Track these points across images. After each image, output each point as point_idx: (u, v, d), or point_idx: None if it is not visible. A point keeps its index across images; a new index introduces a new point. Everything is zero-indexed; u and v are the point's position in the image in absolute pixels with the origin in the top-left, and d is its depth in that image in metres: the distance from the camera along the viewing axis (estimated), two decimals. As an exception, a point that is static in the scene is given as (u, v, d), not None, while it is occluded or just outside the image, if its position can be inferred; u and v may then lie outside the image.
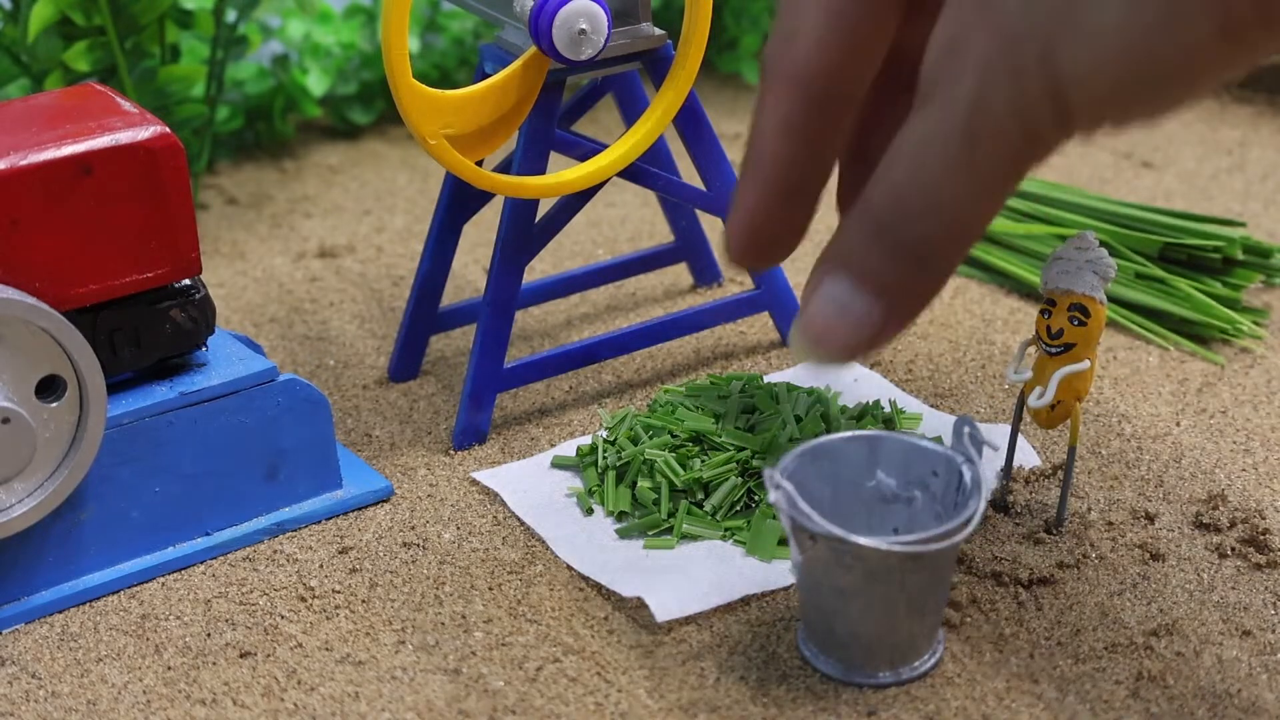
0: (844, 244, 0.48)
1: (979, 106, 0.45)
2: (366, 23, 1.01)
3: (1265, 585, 0.57)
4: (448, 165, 0.63)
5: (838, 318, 0.49)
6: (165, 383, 0.60)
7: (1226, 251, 0.76)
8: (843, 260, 0.48)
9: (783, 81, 0.51)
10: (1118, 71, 0.44)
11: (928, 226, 0.47)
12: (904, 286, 0.48)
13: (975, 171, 0.46)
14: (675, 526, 0.60)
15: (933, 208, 0.46)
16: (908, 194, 0.47)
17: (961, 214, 0.47)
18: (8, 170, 0.55)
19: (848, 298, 0.48)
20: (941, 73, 0.46)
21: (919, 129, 0.46)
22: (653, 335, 0.72)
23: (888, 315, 0.48)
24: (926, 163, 0.46)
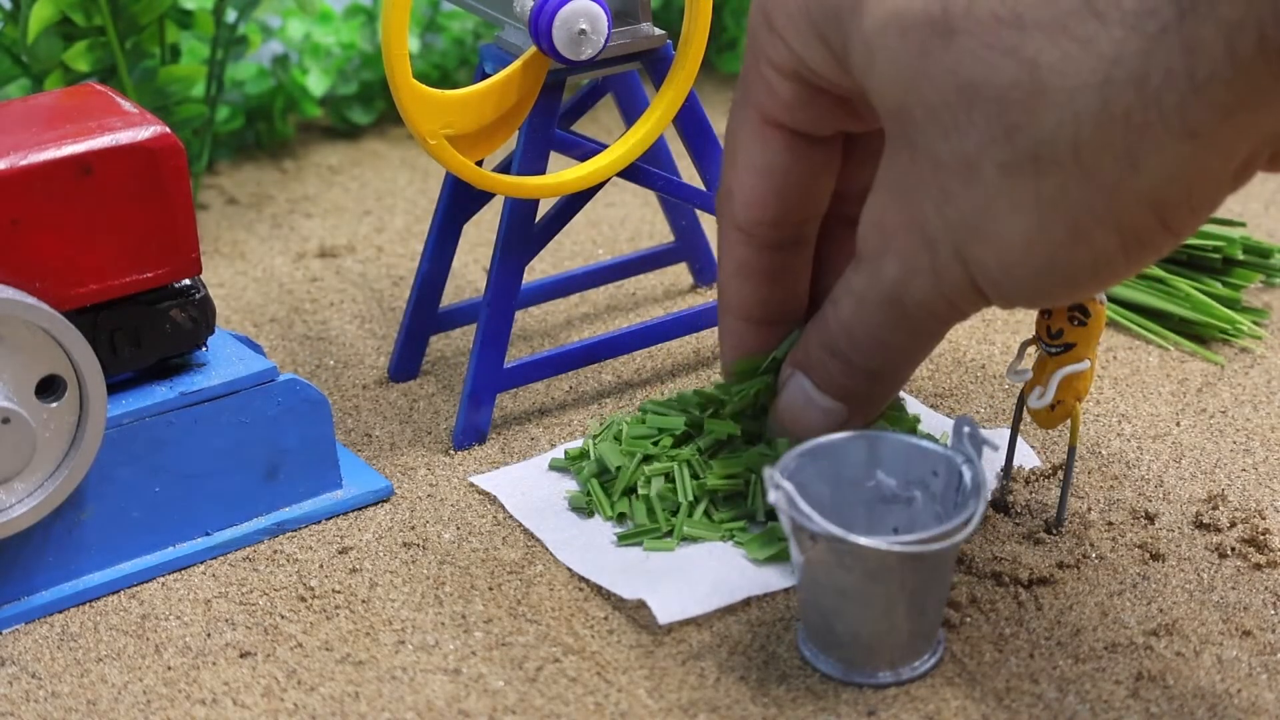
0: (808, 355, 0.56)
1: (901, 287, 0.51)
2: (366, 23, 1.01)
3: (1265, 585, 0.57)
4: (448, 165, 0.63)
5: (805, 410, 0.56)
6: (165, 383, 0.60)
7: (1226, 251, 0.76)
8: (807, 367, 0.56)
9: (730, 229, 0.58)
10: (1026, 275, 0.49)
11: (872, 357, 0.54)
12: (859, 394, 0.55)
13: (904, 326, 0.52)
14: (675, 529, 0.60)
15: (874, 345, 0.53)
16: (853, 330, 0.53)
17: (899, 352, 0.54)
18: (8, 170, 0.55)
19: (814, 395, 0.56)
20: (870, 248, 0.52)
21: (857, 282, 0.53)
22: (653, 335, 0.72)
23: (848, 413, 0.56)
24: (864, 311, 0.53)
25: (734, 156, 0.56)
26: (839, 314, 0.54)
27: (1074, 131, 0.45)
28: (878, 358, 0.54)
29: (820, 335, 0.55)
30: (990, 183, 0.47)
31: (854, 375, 0.55)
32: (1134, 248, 0.48)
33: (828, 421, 0.56)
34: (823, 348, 0.55)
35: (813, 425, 0.56)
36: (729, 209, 0.57)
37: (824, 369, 0.55)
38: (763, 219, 0.56)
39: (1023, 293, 0.50)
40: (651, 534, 0.60)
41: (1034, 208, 0.47)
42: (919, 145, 0.48)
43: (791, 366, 0.57)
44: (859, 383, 0.55)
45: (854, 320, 0.53)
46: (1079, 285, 0.49)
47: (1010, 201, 0.47)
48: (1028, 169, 0.46)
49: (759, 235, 0.57)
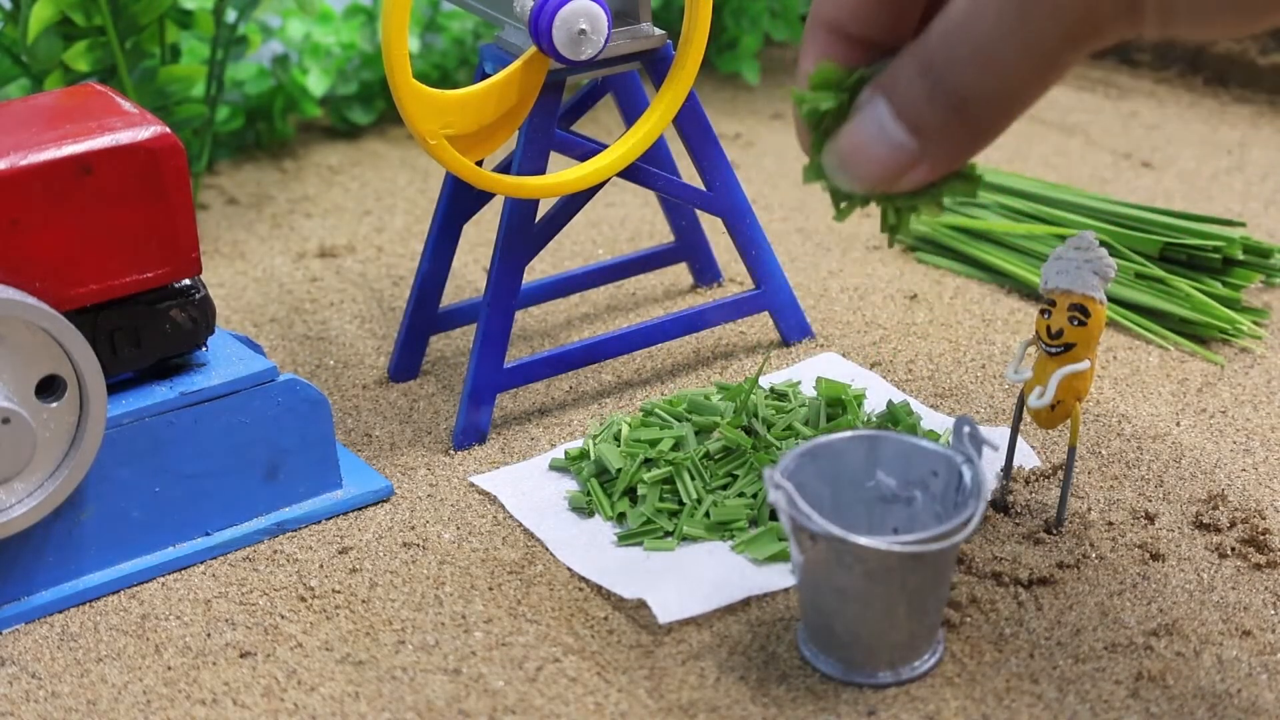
0: (893, 73, 0.46)
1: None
2: (366, 23, 1.01)
3: (1265, 585, 0.57)
4: (448, 165, 0.63)
5: (872, 141, 0.46)
6: (165, 383, 0.60)
7: (1226, 251, 0.76)
8: (888, 88, 0.46)
9: None
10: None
11: (970, 79, 0.44)
12: (939, 131, 0.45)
13: (1025, 42, 0.42)
14: (676, 529, 0.60)
15: (978, 63, 0.43)
16: (958, 39, 0.43)
17: (1006, 79, 0.44)
18: (8, 170, 0.55)
19: (887, 124, 0.46)
20: None
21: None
22: (653, 335, 0.72)
23: (920, 155, 0.46)
24: (980, 15, 0.43)
25: None
26: (947, 18, 0.44)
27: None
28: (977, 77, 0.43)
29: (915, 51, 0.45)
30: None
31: (939, 101, 0.44)
32: None
33: (893, 159, 0.46)
34: (914, 62, 0.45)
35: (875, 160, 0.46)
36: None
37: (908, 90, 0.45)
38: None
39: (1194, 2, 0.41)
40: (651, 534, 0.60)
41: None
42: None
43: (874, 89, 0.46)
44: (941, 113, 0.45)
45: (964, 24, 0.43)
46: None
47: None
48: None
49: None
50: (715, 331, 0.76)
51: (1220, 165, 0.93)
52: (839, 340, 0.74)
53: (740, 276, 0.80)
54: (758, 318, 0.76)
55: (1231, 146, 0.96)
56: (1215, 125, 0.99)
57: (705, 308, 0.72)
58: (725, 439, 0.62)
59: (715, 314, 0.72)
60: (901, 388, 0.70)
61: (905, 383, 0.71)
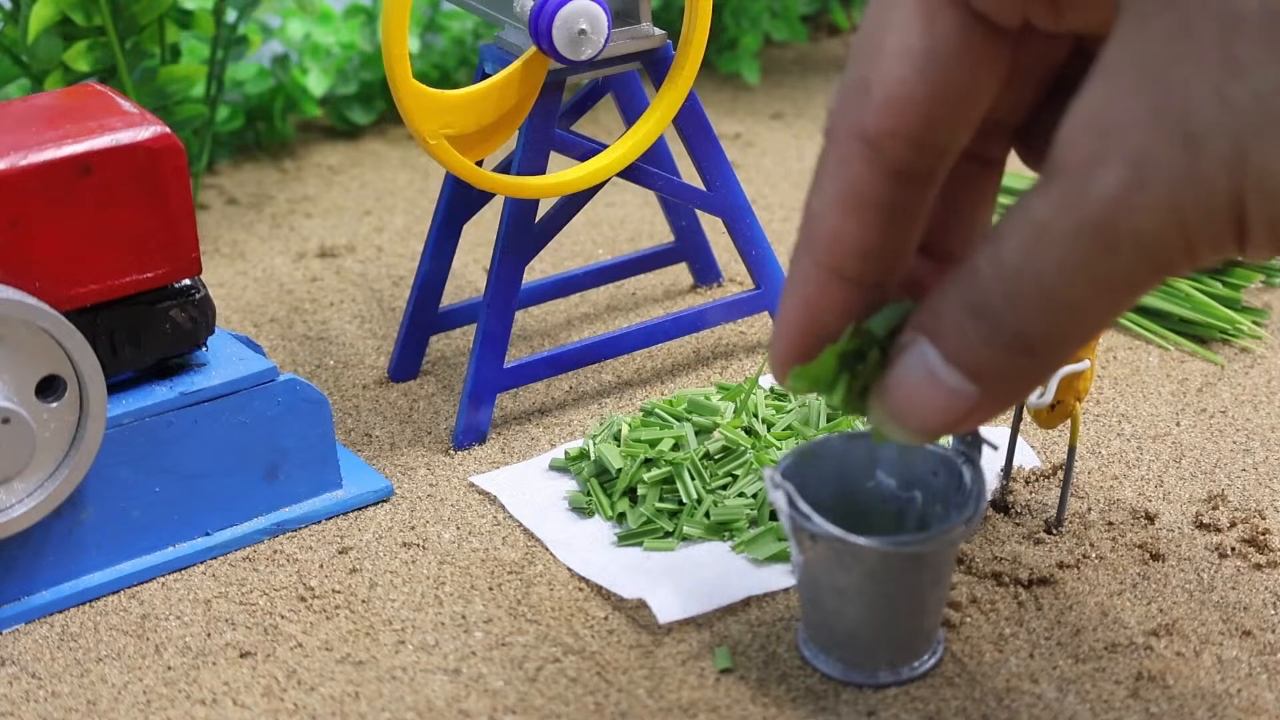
0: (938, 316, 0.41)
1: (1122, 206, 0.37)
2: (366, 23, 1.01)
3: (1265, 585, 0.57)
4: (448, 165, 0.63)
5: (925, 388, 0.42)
6: (165, 383, 0.60)
7: (1226, 251, 0.76)
8: (933, 331, 0.41)
9: (850, 140, 0.42)
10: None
11: (1036, 319, 0.39)
12: (1004, 373, 0.41)
13: (1100, 275, 0.38)
14: (675, 529, 0.60)
15: (1045, 302, 0.39)
16: (1017, 278, 0.39)
17: (1078, 313, 0.39)
18: (8, 170, 0.55)
19: (939, 370, 0.41)
20: (1080, 149, 0.38)
21: (1042, 207, 0.38)
22: (653, 335, 0.72)
23: (980, 399, 0.41)
24: (1044, 250, 0.38)
25: (881, 38, 0.41)
26: (1001, 255, 0.39)
27: None
28: (1043, 320, 0.39)
29: (963, 289, 0.40)
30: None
31: (1000, 344, 0.40)
32: None
33: (951, 406, 0.42)
34: (964, 306, 0.40)
35: (931, 409, 0.42)
36: (858, 110, 0.41)
37: (960, 334, 0.40)
38: (905, 126, 0.41)
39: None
40: (651, 534, 0.60)
41: None
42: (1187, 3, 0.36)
43: (915, 331, 0.42)
44: (1005, 356, 0.40)
45: (1023, 262, 0.38)
46: None
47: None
48: None
49: (891, 152, 0.41)
50: (715, 331, 0.76)
51: (1220, 165, 0.93)
52: (839, 340, 0.74)
53: (740, 276, 0.80)
54: (758, 318, 0.76)
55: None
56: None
57: (705, 308, 0.72)
58: (725, 439, 0.62)
59: (715, 314, 0.72)
60: (901, 388, 0.70)
61: (905, 383, 0.71)
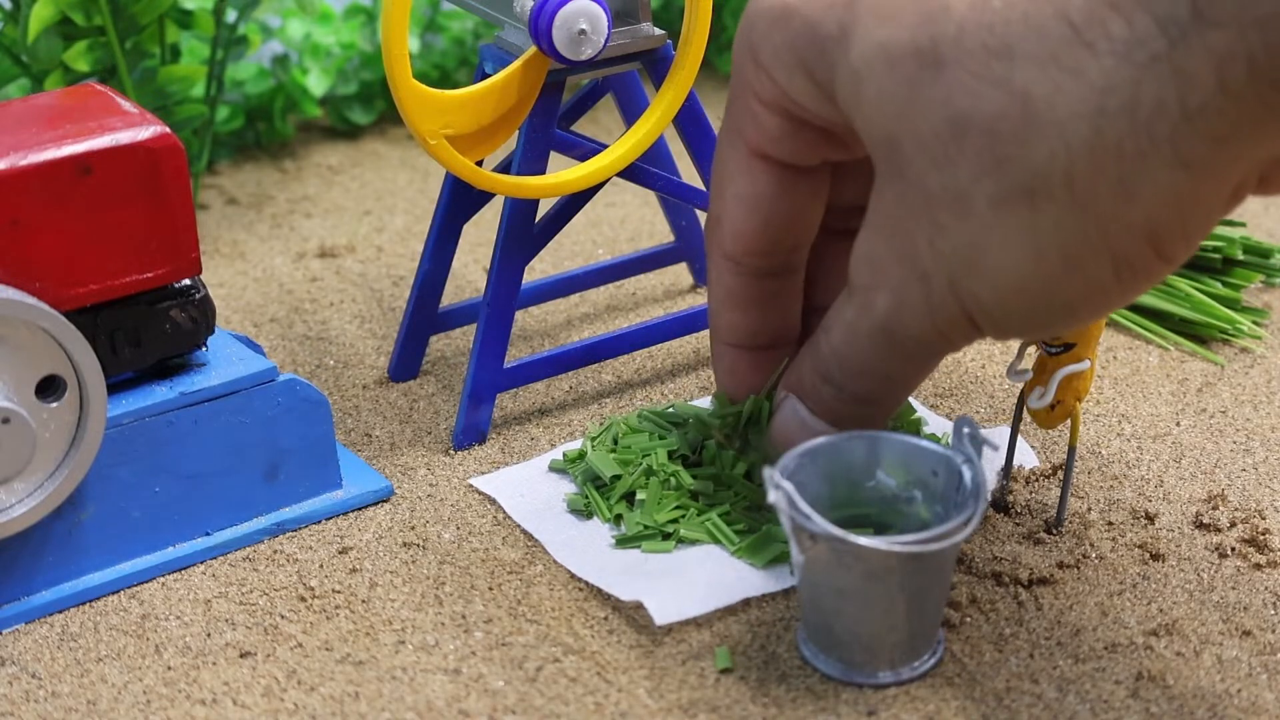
0: (801, 380, 0.56)
1: (893, 319, 0.51)
2: (366, 23, 1.01)
3: (1265, 585, 0.57)
4: (448, 165, 0.63)
5: (799, 434, 0.56)
6: (165, 383, 0.60)
7: (1226, 251, 0.76)
8: (800, 390, 0.56)
9: (719, 258, 0.57)
10: (1021, 307, 0.49)
11: (863, 385, 0.54)
12: (852, 418, 0.55)
13: (896, 356, 0.52)
14: (674, 532, 0.60)
15: (866, 374, 0.53)
16: (844, 356, 0.53)
17: (891, 379, 0.54)
18: (8, 170, 0.55)
19: (807, 419, 0.56)
20: (861, 280, 0.51)
21: (848, 313, 0.52)
22: (653, 335, 0.72)
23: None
24: (856, 341, 0.52)
25: (722, 186, 0.56)
26: (831, 341, 0.53)
27: (1066, 162, 0.45)
28: (870, 385, 0.54)
29: (813, 361, 0.55)
30: (982, 215, 0.47)
31: (846, 402, 0.54)
32: (1128, 276, 0.48)
33: None
34: (815, 373, 0.55)
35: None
36: (717, 237, 0.57)
37: (817, 394, 0.55)
38: (751, 249, 0.56)
39: (1016, 324, 0.50)
40: (650, 536, 0.60)
41: (1028, 240, 0.47)
42: (909, 178, 0.48)
43: (786, 390, 0.56)
44: (852, 408, 0.55)
45: (846, 349, 0.53)
46: (1073, 315, 0.49)
47: (1003, 234, 0.47)
48: (1020, 201, 0.46)
49: (748, 264, 0.57)
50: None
51: (1220, 165, 0.93)
52: (839, 340, 0.74)
53: (740, 276, 0.80)
54: (758, 318, 0.76)
55: (1231, 146, 0.96)
56: (1215, 125, 0.99)
57: (705, 308, 0.72)
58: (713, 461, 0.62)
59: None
60: (901, 388, 0.70)
61: (905, 383, 0.71)
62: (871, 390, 0.54)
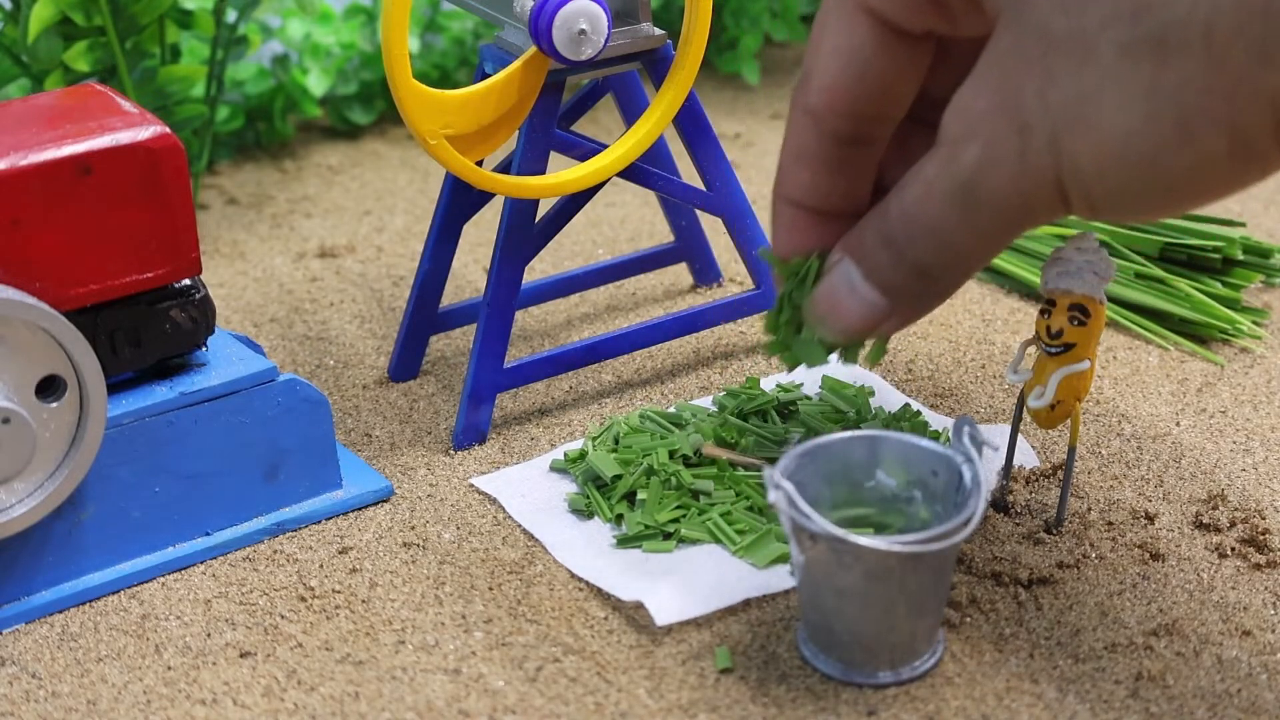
0: (861, 241, 0.52)
1: (979, 174, 0.47)
2: (366, 23, 1.01)
3: (1265, 585, 0.57)
4: (448, 165, 0.63)
5: (846, 298, 0.52)
6: (165, 383, 0.60)
7: (1226, 251, 0.76)
8: (857, 253, 0.52)
9: (800, 113, 0.53)
10: (1120, 175, 0.45)
11: (928, 250, 0.50)
12: (906, 291, 0.52)
13: (971, 223, 0.49)
14: (675, 532, 0.60)
15: (933, 237, 0.50)
16: (913, 220, 0.50)
17: (958, 250, 0.50)
18: (8, 170, 0.55)
19: (858, 284, 0.52)
20: (954, 129, 0.48)
21: (930, 169, 0.49)
22: (653, 335, 0.72)
23: (889, 311, 0.52)
24: (930, 201, 0.49)
25: (819, 40, 0.52)
26: (902, 200, 0.50)
27: (1209, 14, 0.42)
28: (933, 253, 0.50)
29: (877, 222, 0.51)
30: (1105, 65, 0.44)
31: (904, 269, 0.51)
32: (1240, 156, 0.44)
33: (867, 314, 0.53)
34: (877, 235, 0.51)
35: (851, 316, 0.53)
36: (803, 91, 0.53)
37: (874, 258, 0.51)
38: (836, 107, 0.52)
39: (1108, 196, 0.46)
40: (650, 536, 0.60)
41: (1145, 98, 0.44)
42: (1030, 21, 0.45)
43: (841, 251, 0.53)
44: (907, 279, 0.51)
45: (917, 208, 0.49)
46: (1170, 195, 0.46)
47: (1121, 89, 0.44)
48: (1149, 52, 0.43)
49: (829, 124, 0.53)
50: (715, 331, 0.76)
51: (1220, 165, 0.93)
52: (839, 340, 0.74)
53: (740, 276, 0.80)
54: (757, 318, 0.76)
55: (1231, 146, 0.96)
56: (1215, 125, 0.99)
57: (705, 308, 0.72)
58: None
59: (715, 314, 0.72)
60: (901, 388, 0.70)
61: (905, 383, 0.71)
62: (934, 260, 0.50)
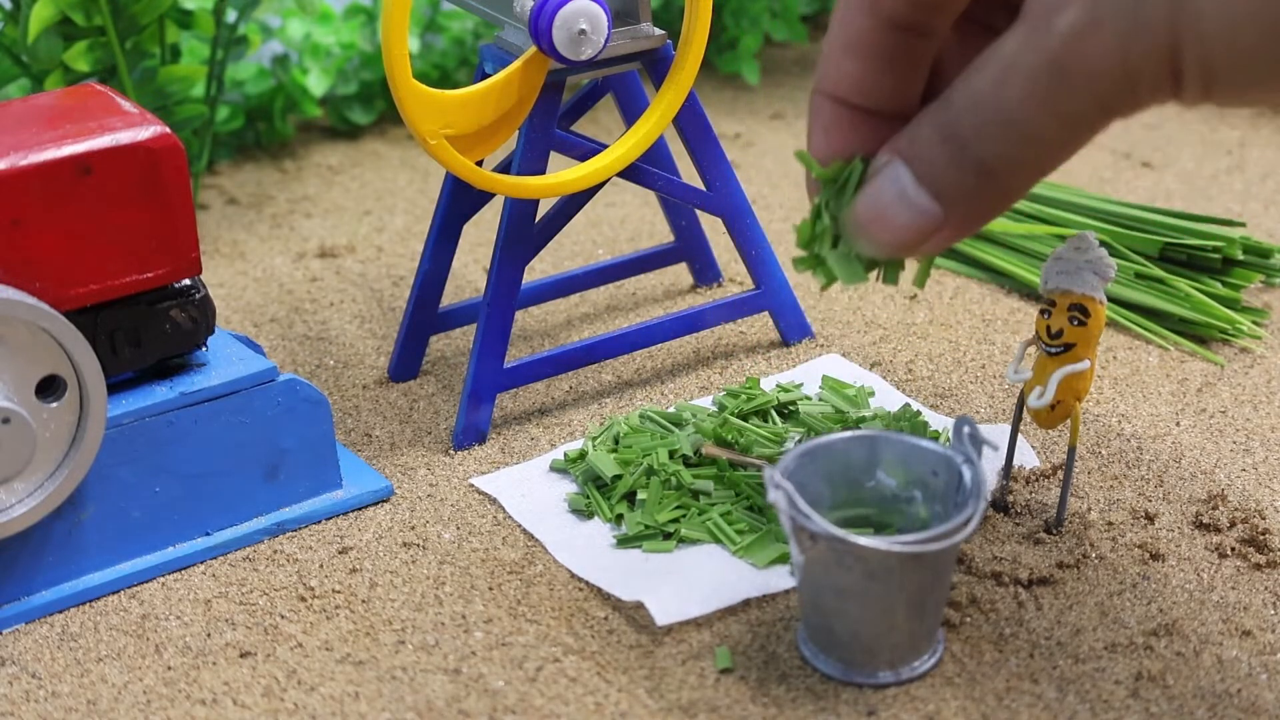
0: (914, 137, 0.45)
1: (1077, 44, 0.41)
2: (366, 23, 1.01)
3: (1265, 585, 0.57)
4: (448, 165, 0.63)
5: (894, 205, 0.46)
6: (165, 383, 0.60)
7: (1226, 251, 0.76)
8: (909, 153, 0.45)
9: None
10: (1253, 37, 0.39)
11: (999, 147, 0.43)
12: (965, 195, 0.45)
13: (1057, 108, 0.42)
14: (675, 532, 0.60)
15: (1007, 130, 0.43)
16: (985, 107, 0.43)
17: (1036, 145, 0.43)
18: (8, 170, 0.55)
19: (909, 189, 0.45)
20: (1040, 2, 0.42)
21: (1010, 46, 0.42)
22: (653, 335, 0.72)
23: (944, 219, 0.45)
24: (1010, 83, 0.42)
25: None
26: (972, 87, 0.43)
27: None
28: (1006, 145, 0.43)
29: (937, 114, 0.45)
30: None
31: (965, 168, 0.44)
32: None
33: (918, 223, 0.46)
34: (936, 130, 0.45)
35: (898, 225, 0.46)
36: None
37: (930, 157, 0.45)
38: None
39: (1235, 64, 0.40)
40: (650, 536, 0.60)
41: None
42: None
43: (890, 152, 0.46)
44: (969, 179, 0.44)
45: (991, 92, 0.43)
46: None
47: None
48: None
49: (886, 6, 0.46)
50: (715, 331, 0.76)
51: (1220, 165, 0.93)
52: (839, 340, 0.74)
53: (740, 276, 0.81)
54: (758, 318, 0.76)
55: (1231, 146, 0.96)
56: (1215, 125, 0.99)
57: (705, 308, 0.72)
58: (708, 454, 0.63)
59: (715, 314, 0.72)
60: (901, 388, 0.70)
61: (905, 383, 0.71)
62: (1005, 154, 0.43)
